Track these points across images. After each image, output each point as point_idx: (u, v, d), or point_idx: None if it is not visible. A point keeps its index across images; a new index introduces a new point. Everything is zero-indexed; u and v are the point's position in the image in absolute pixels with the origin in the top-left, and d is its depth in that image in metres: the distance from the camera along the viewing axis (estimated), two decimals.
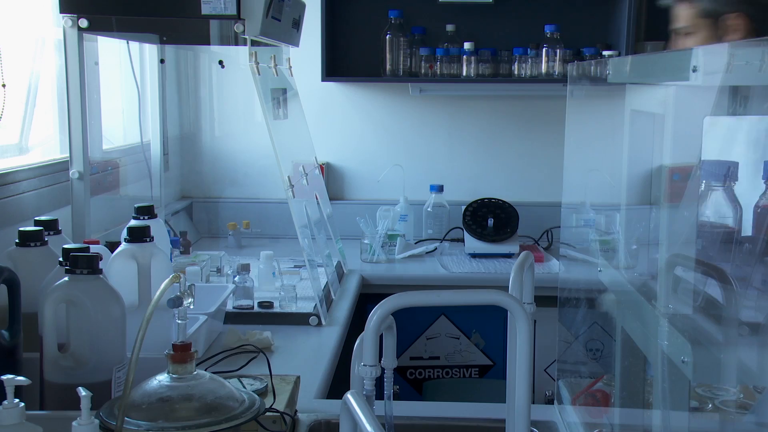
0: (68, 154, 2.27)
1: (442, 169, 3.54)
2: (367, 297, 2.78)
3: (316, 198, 2.82)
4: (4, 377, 1.16)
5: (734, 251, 1.30)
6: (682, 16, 2.05)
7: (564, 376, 1.79)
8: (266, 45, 2.50)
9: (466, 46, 3.30)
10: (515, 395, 1.19)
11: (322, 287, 2.44)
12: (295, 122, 2.94)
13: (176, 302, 1.28)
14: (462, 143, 3.56)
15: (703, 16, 2.00)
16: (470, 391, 2.89)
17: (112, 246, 1.80)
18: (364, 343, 1.11)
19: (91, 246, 1.64)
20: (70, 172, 2.26)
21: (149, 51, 3.05)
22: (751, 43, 0.89)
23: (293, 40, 2.79)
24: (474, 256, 3.14)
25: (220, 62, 3.23)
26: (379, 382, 1.17)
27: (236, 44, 2.25)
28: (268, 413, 1.43)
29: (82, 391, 1.15)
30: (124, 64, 2.87)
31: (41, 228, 1.76)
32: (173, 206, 3.37)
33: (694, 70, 0.96)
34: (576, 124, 1.80)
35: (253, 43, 2.27)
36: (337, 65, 3.43)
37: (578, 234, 1.99)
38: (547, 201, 3.42)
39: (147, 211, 1.97)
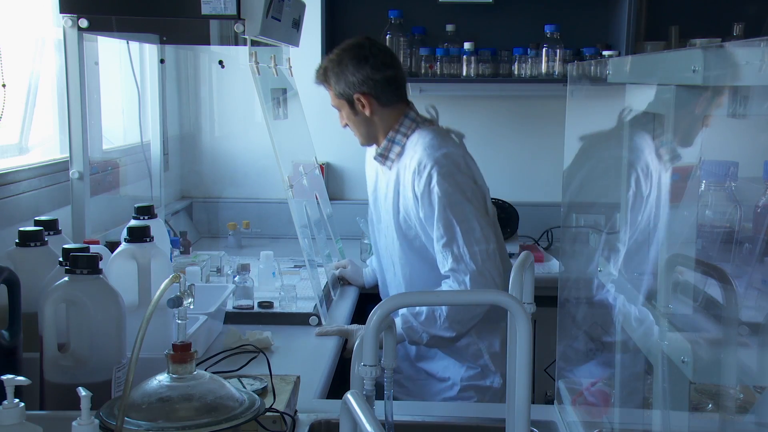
0: (68, 154, 2.27)
1: None
2: (367, 297, 2.78)
3: (316, 198, 2.82)
4: (4, 377, 1.16)
5: (734, 251, 1.30)
6: (330, 96, 2.43)
7: (564, 376, 1.79)
8: (266, 45, 2.50)
9: (466, 46, 3.29)
10: (515, 395, 1.19)
11: (322, 287, 2.44)
12: (295, 122, 2.94)
13: (176, 302, 1.28)
14: None
15: (339, 97, 2.38)
16: None
17: (112, 246, 1.80)
18: (364, 343, 1.11)
19: (91, 246, 1.64)
20: (70, 172, 2.26)
21: (149, 51, 3.05)
22: (751, 43, 0.89)
23: (293, 40, 2.79)
24: None
25: (220, 62, 3.23)
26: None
27: (236, 44, 2.25)
28: (268, 413, 1.43)
29: (82, 391, 1.15)
30: (124, 64, 2.87)
31: (41, 228, 1.76)
32: (173, 206, 3.37)
33: (694, 70, 0.96)
34: (576, 125, 1.80)
35: (253, 43, 2.27)
36: None
37: (578, 234, 1.99)
38: (547, 201, 3.42)
39: (147, 211, 1.97)
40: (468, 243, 2.19)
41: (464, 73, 3.31)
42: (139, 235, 1.71)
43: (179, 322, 1.28)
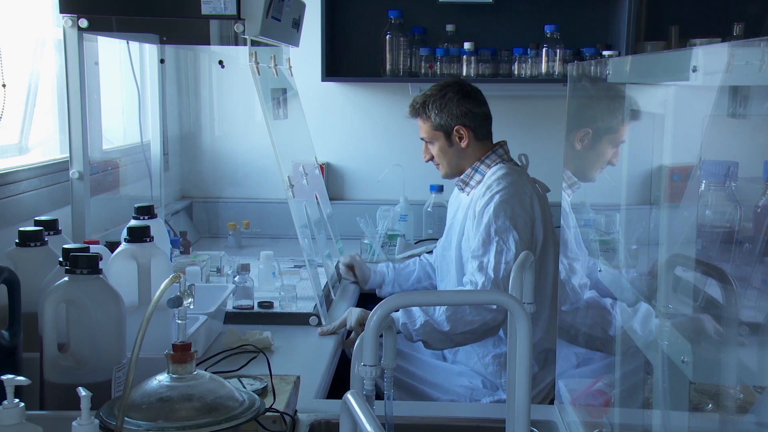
0: (68, 154, 2.27)
1: None
2: (367, 297, 2.78)
3: (316, 198, 2.82)
4: (4, 377, 1.16)
5: (734, 251, 1.30)
6: (422, 128, 2.54)
7: (564, 376, 1.79)
8: (266, 45, 2.50)
9: (466, 46, 3.29)
10: (515, 395, 1.19)
11: (322, 287, 2.44)
12: (295, 122, 2.94)
13: (176, 302, 1.28)
14: None
15: (436, 129, 2.50)
16: None
17: (112, 246, 1.80)
18: (364, 343, 1.11)
19: (91, 246, 1.64)
20: (70, 172, 2.26)
21: (149, 51, 3.05)
22: (751, 43, 0.89)
23: (293, 40, 2.79)
24: None
25: (220, 62, 3.23)
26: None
27: (236, 44, 2.25)
28: (268, 413, 1.43)
29: (82, 391, 1.15)
30: (124, 64, 2.87)
31: (41, 228, 1.76)
32: (173, 206, 3.37)
33: (694, 70, 0.96)
34: (576, 125, 1.80)
35: (253, 43, 2.27)
36: (337, 65, 3.43)
37: (578, 234, 2.00)
38: None
39: (147, 211, 1.97)
40: (497, 260, 2.28)
41: (464, 73, 3.31)
42: (139, 235, 1.71)
43: (179, 322, 1.29)
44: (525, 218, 2.33)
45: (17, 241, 1.72)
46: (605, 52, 3.26)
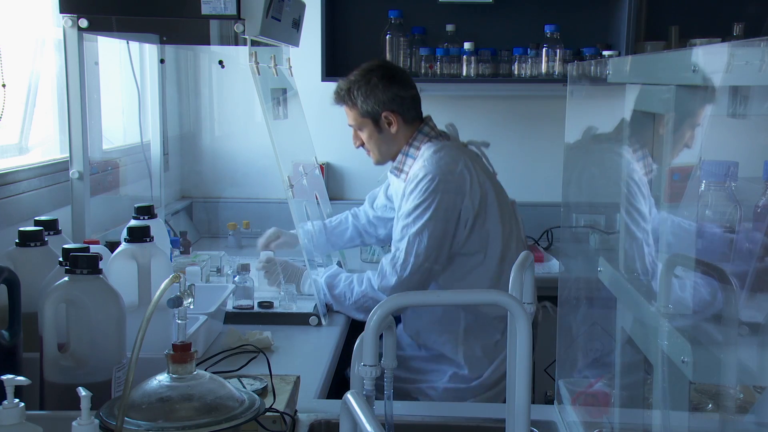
0: (68, 154, 2.27)
1: None
2: None
3: (316, 198, 2.82)
4: (4, 377, 1.16)
5: (734, 251, 1.30)
6: (349, 115, 2.51)
7: (564, 376, 1.79)
8: (266, 45, 2.50)
9: (466, 46, 3.29)
10: (515, 395, 1.19)
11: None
12: (295, 122, 2.94)
13: (176, 302, 1.28)
14: None
15: (363, 116, 2.46)
16: None
17: (112, 246, 1.80)
18: (364, 343, 1.11)
19: (91, 246, 1.64)
20: (70, 172, 2.26)
21: (149, 51, 3.05)
22: (751, 43, 0.89)
23: (293, 40, 2.79)
24: None
25: (220, 62, 3.23)
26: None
27: (236, 44, 2.25)
28: (268, 413, 1.43)
29: (82, 391, 1.15)
30: (124, 64, 2.87)
31: (41, 228, 1.76)
32: (173, 206, 3.37)
33: (694, 70, 0.96)
34: (576, 124, 1.80)
35: (253, 43, 2.27)
36: (337, 65, 3.42)
37: (578, 234, 2.00)
38: (547, 201, 3.42)
39: (147, 211, 1.97)
40: (408, 251, 2.31)
41: (464, 73, 3.31)
42: (139, 235, 1.71)
43: (179, 322, 1.29)
44: (453, 202, 2.33)
45: (17, 241, 1.72)
46: (605, 52, 3.26)
